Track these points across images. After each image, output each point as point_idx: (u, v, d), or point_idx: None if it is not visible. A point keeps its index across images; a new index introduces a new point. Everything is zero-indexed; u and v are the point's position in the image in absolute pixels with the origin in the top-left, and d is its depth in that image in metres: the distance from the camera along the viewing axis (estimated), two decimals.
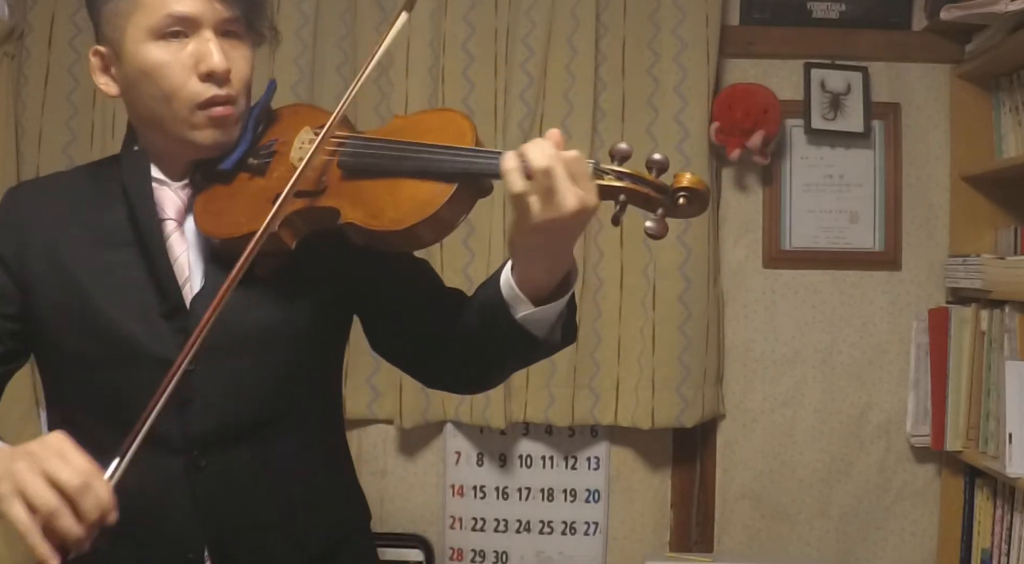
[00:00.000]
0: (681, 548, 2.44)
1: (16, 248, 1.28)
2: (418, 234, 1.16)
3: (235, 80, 1.22)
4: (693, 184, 1.10)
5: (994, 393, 2.15)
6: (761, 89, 2.36)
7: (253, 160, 1.26)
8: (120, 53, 1.22)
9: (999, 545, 2.17)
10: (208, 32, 1.20)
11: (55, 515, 0.98)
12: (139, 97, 1.24)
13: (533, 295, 1.15)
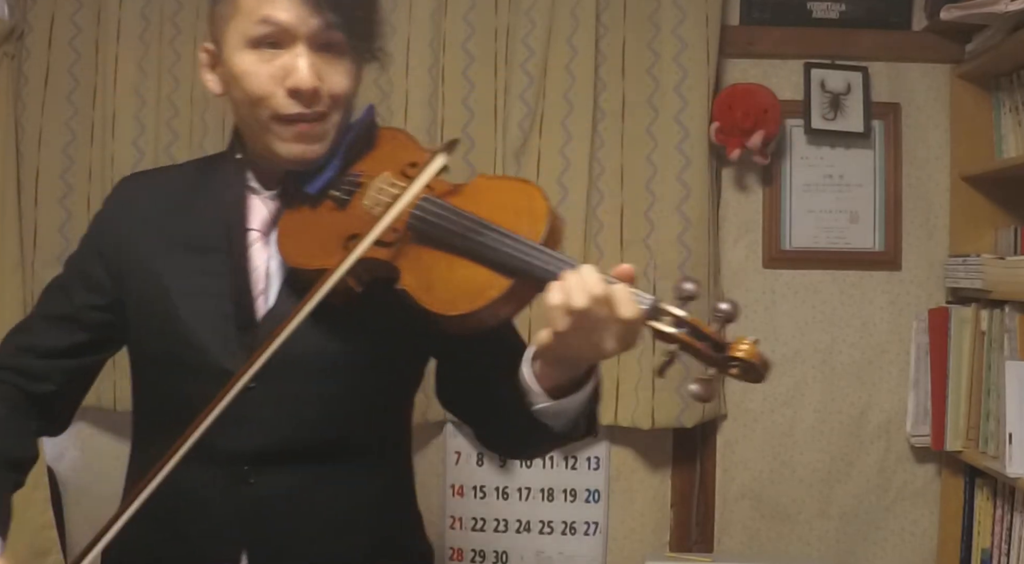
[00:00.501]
0: (681, 548, 2.44)
1: (116, 243, 1.29)
2: (464, 322, 1.11)
3: (326, 96, 1.19)
4: (753, 357, 1.03)
5: (994, 393, 2.15)
6: (761, 89, 2.36)
7: (336, 192, 1.23)
8: (221, 54, 1.23)
9: (999, 545, 2.17)
10: (301, 46, 1.17)
11: None
12: (233, 100, 1.23)
13: (551, 390, 1.12)
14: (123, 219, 1.31)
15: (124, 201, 1.34)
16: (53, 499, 2.38)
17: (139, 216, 1.31)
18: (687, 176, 2.32)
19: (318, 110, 1.19)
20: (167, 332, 1.25)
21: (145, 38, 2.38)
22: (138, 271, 1.28)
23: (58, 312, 1.33)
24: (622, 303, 1.02)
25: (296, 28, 1.16)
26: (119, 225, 1.31)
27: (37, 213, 2.39)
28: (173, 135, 2.39)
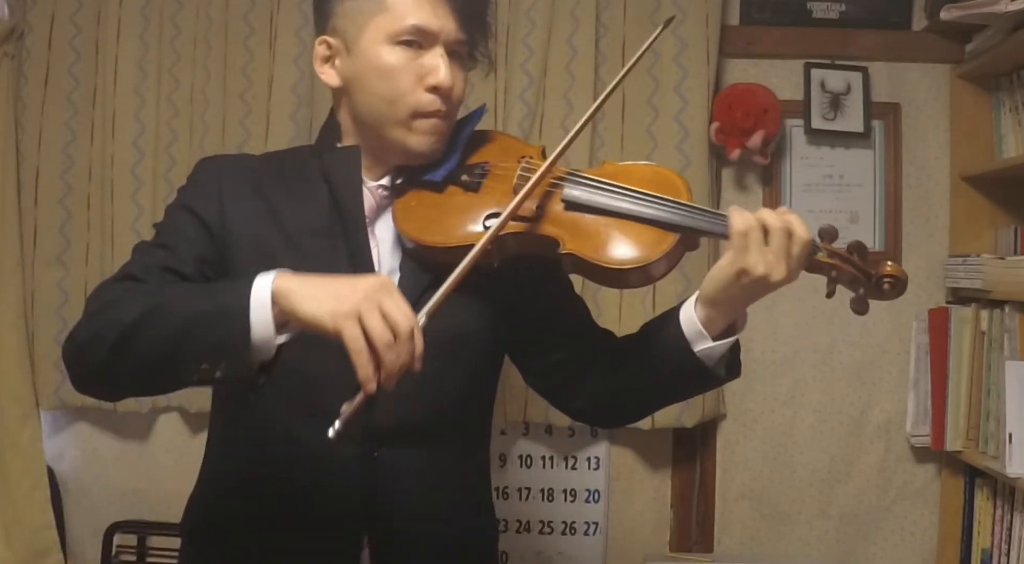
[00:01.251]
0: (681, 548, 2.44)
1: (218, 214, 1.30)
2: (631, 276, 1.25)
3: (454, 98, 1.30)
4: (896, 272, 1.22)
5: (994, 393, 2.15)
6: (761, 89, 2.36)
7: (465, 177, 1.32)
8: (353, 48, 1.29)
9: (999, 545, 2.17)
10: (440, 49, 1.28)
11: (387, 348, 1.05)
12: (362, 92, 1.29)
13: (712, 333, 1.26)
14: (220, 195, 1.31)
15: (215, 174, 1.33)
16: (53, 499, 2.38)
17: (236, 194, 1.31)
18: (687, 176, 2.27)
19: (449, 109, 1.30)
20: None
21: (145, 38, 2.38)
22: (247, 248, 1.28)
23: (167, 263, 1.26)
24: (797, 225, 1.19)
25: (440, 34, 1.28)
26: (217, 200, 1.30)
27: (37, 213, 2.40)
28: (173, 135, 2.39)
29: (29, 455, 2.35)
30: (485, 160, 1.35)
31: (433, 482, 1.31)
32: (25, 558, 2.33)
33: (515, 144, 1.40)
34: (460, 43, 1.30)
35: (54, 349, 2.39)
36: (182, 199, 1.34)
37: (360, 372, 1.05)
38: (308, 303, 1.08)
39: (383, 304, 1.07)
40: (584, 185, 1.28)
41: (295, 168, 1.36)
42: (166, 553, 2.44)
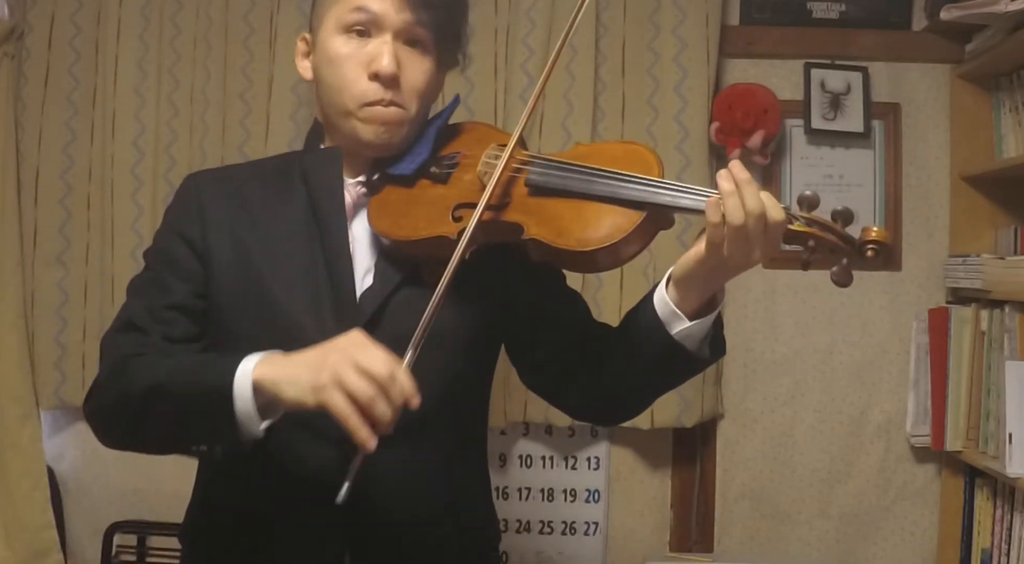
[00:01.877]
0: (681, 548, 2.44)
1: (200, 231, 1.32)
2: (598, 258, 1.19)
3: (405, 87, 1.27)
4: (881, 238, 1.17)
5: (994, 393, 2.15)
6: (761, 89, 2.36)
7: (435, 169, 1.31)
8: (315, 41, 1.32)
9: (999, 545, 2.17)
10: (388, 35, 1.26)
11: (372, 402, 1.06)
12: (320, 84, 1.31)
13: (687, 313, 1.20)
14: (203, 211, 1.33)
15: (199, 191, 1.36)
16: (53, 499, 2.38)
17: (218, 205, 1.34)
18: (687, 176, 2.32)
19: (395, 98, 1.26)
20: (263, 316, 1.28)
21: (145, 38, 2.38)
22: (228, 260, 1.30)
23: (161, 304, 1.31)
24: (772, 209, 1.12)
25: (385, 19, 1.25)
26: (200, 216, 1.33)
27: (37, 213, 2.40)
28: (173, 135, 2.39)
29: (29, 455, 2.35)
30: (456, 150, 1.33)
31: (417, 483, 1.30)
32: (25, 558, 2.33)
33: (490, 133, 1.37)
34: (415, 29, 1.27)
35: (54, 349, 2.40)
36: (168, 223, 1.37)
37: (355, 436, 1.06)
38: (288, 388, 1.10)
39: (358, 360, 1.07)
40: (546, 168, 1.25)
41: (278, 173, 1.37)
42: (166, 553, 2.44)
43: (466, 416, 1.40)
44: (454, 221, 1.24)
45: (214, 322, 1.33)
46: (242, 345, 1.26)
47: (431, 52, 1.30)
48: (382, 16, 1.25)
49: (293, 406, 1.11)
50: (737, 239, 1.12)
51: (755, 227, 1.11)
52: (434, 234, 1.23)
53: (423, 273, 1.25)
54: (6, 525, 2.33)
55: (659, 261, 2.33)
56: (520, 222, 1.22)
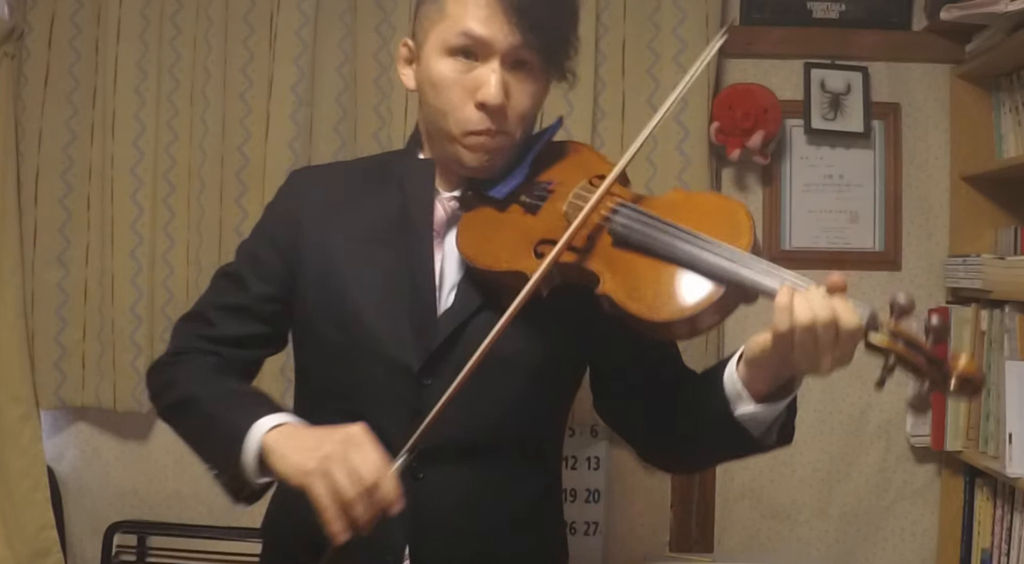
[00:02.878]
0: (681, 548, 2.44)
1: (290, 232, 1.33)
2: (671, 329, 1.12)
3: (511, 114, 1.23)
4: (972, 372, 1.01)
5: (994, 393, 2.15)
6: (761, 89, 2.35)
7: (526, 197, 1.27)
8: (420, 55, 1.29)
9: (999, 545, 2.17)
10: (495, 62, 1.21)
11: (351, 504, 1.07)
12: (423, 103, 1.30)
13: (756, 394, 1.14)
14: (298, 212, 1.34)
15: (298, 191, 1.38)
16: (53, 499, 2.38)
17: (315, 205, 1.34)
18: (687, 176, 2.32)
19: (501, 126, 1.23)
20: (341, 321, 1.28)
21: (145, 38, 2.38)
22: (315, 262, 1.31)
23: (233, 302, 1.36)
24: (845, 317, 1.01)
25: (493, 44, 1.20)
26: (294, 214, 1.34)
27: (37, 213, 2.40)
28: (173, 135, 2.39)
29: (29, 455, 2.35)
30: (551, 179, 1.28)
31: (476, 502, 1.29)
32: (25, 558, 2.33)
33: (591, 160, 1.31)
34: (524, 52, 1.21)
35: (54, 349, 2.39)
36: (264, 222, 1.40)
37: (328, 527, 1.08)
38: (280, 462, 1.13)
39: (350, 458, 1.08)
40: (634, 219, 1.17)
41: (379, 176, 1.37)
42: (166, 553, 2.44)
43: (532, 437, 1.36)
44: (536, 257, 1.20)
45: (300, 323, 1.36)
46: (319, 348, 1.32)
47: (538, 72, 1.25)
48: (490, 41, 1.20)
49: (280, 479, 1.15)
50: (805, 340, 1.02)
51: (824, 333, 1.01)
52: (513, 268, 1.20)
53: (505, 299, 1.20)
54: (6, 525, 2.33)
55: None
56: (597, 272, 1.16)
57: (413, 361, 1.24)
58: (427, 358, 1.24)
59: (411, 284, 1.27)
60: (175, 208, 2.39)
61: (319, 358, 1.33)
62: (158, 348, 2.38)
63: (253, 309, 1.35)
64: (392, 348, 1.26)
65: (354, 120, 2.35)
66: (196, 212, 2.38)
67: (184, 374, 1.31)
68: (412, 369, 1.24)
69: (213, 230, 2.36)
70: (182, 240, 2.39)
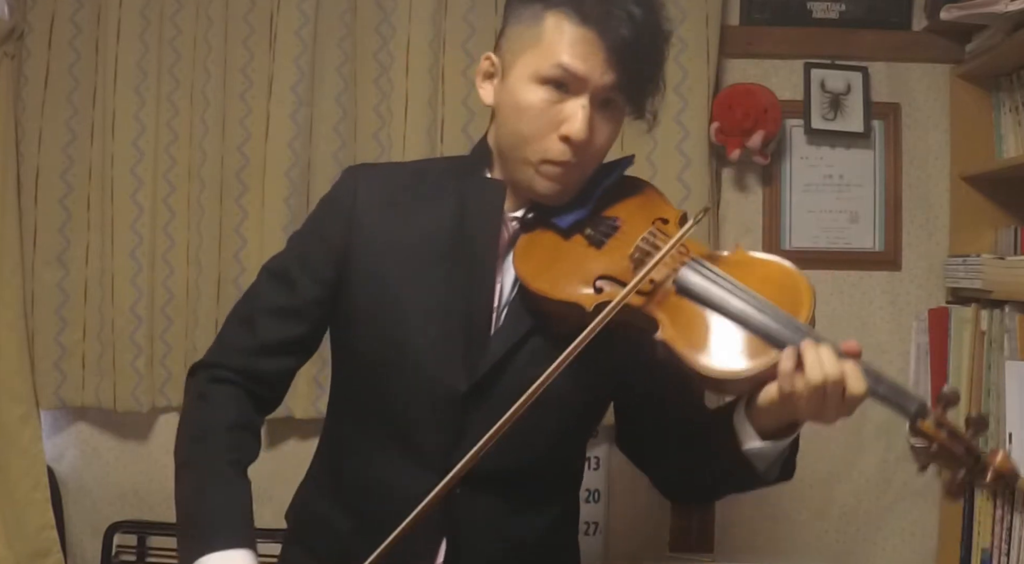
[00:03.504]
0: (681, 548, 2.44)
1: (344, 233, 1.30)
2: (723, 385, 1.17)
3: (591, 150, 1.24)
4: (1006, 470, 1.09)
5: (994, 393, 2.15)
6: (761, 89, 2.35)
7: (590, 230, 1.27)
8: (506, 75, 1.26)
9: (999, 545, 2.17)
10: (585, 98, 1.21)
11: None
12: (502, 124, 1.27)
13: (762, 432, 1.20)
14: (353, 211, 1.31)
15: (353, 188, 1.33)
16: (53, 499, 2.37)
17: (369, 205, 1.31)
18: (687, 176, 2.32)
19: (580, 160, 1.23)
20: (386, 334, 1.27)
21: (145, 38, 2.38)
22: (365, 268, 1.29)
23: (283, 304, 1.33)
24: (853, 383, 1.09)
25: (588, 81, 1.20)
26: (349, 218, 1.31)
27: (37, 213, 2.39)
28: (173, 135, 2.39)
29: (29, 455, 2.35)
30: (617, 215, 1.29)
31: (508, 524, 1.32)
32: (25, 558, 2.33)
33: (656, 202, 1.33)
34: (613, 91, 1.22)
35: (54, 349, 2.40)
36: (316, 216, 1.37)
37: None
38: None
39: None
40: (701, 273, 1.20)
41: (437, 186, 1.33)
42: (166, 553, 2.44)
43: (566, 466, 1.42)
44: (595, 292, 1.21)
45: (342, 326, 1.33)
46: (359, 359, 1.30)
47: (621, 112, 1.27)
48: (585, 78, 1.20)
49: None
50: (813, 398, 1.10)
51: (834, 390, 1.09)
52: (571, 300, 1.20)
53: (553, 325, 1.23)
54: (6, 525, 2.33)
55: None
56: (657, 318, 1.18)
57: (461, 382, 1.24)
58: (475, 381, 1.24)
59: (466, 303, 1.25)
60: (175, 208, 2.39)
61: (359, 367, 1.32)
62: (158, 348, 2.38)
63: (303, 312, 1.32)
64: (439, 367, 1.25)
65: (354, 120, 2.36)
66: (196, 212, 2.38)
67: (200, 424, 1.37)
68: (459, 391, 1.23)
69: (213, 230, 2.36)
70: (182, 240, 2.39)
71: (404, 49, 2.34)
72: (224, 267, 2.36)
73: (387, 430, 1.25)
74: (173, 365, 2.39)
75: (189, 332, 2.38)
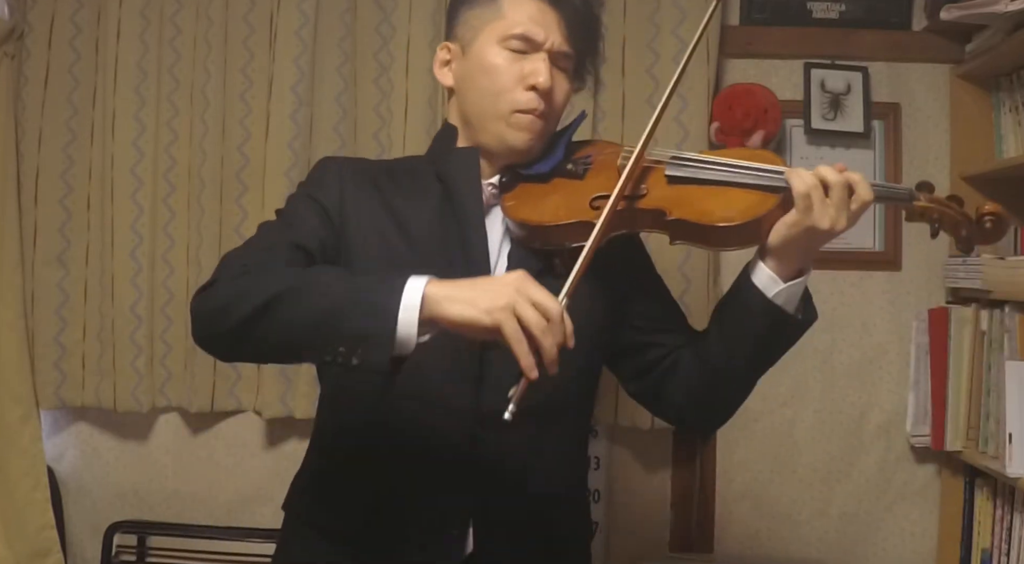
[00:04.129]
0: (681, 548, 2.44)
1: (338, 202, 1.39)
2: (738, 234, 1.30)
3: (554, 100, 1.40)
4: (997, 210, 1.31)
5: (994, 393, 2.15)
6: (761, 89, 2.35)
7: (571, 167, 1.42)
8: (467, 51, 1.41)
9: (999, 545, 2.17)
10: (543, 55, 1.38)
11: (543, 334, 1.12)
12: (470, 90, 1.40)
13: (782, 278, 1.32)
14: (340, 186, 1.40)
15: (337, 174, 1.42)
16: (53, 499, 2.38)
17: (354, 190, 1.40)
18: None
19: (544, 109, 1.38)
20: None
21: (145, 38, 2.38)
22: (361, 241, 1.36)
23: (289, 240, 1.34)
24: (860, 187, 1.29)
25: (545, 43, 1.38)
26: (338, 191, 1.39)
27: (37, 213, 2.40)
28: (173, 135, 2.39)
29: (29, 455, 2.35)
30: (588, 154, 1.44)
31: (535, 465, 1.38)
32: (25, 558, 2.33)
33: (616, 146, 1.47)
34: (565, 56, 1.40)
35: (54, 349, 2.40)
36: (304, 189, 1.43)
37: (522, 361, 1.12)
38: (463, 307, 1.14)
39: (531, 294, 1.13)
40: (686, 164, 1.36)
41: (407, 172, 1.46)
42: (166, 553, 2.44)
43: (585, 411, 1.51)
44: (593, 210, 1.33)
45: None
46: None
47: (570, 74, 1.43)
48: (544, 41, 1.37)
49: (462, 325, 1.14)
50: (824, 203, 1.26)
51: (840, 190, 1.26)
52: (575, 219, 1.32)
53: (556, 263, 1.34)
54: (6, 525, 2.33)
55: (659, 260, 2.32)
56: (662, 207, 1.32)
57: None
58: None
59: (466, 268, 1.32)
60: (175, 208, 2.39)
61: None
62: (158, 348, 2.38)
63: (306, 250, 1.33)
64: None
65: (354, 120, 2.36)
66: (196, 212, 2.38)
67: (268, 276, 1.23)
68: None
69: (213, 230, 2.36)
70: (182, 240, 2.39)
71: (404, 49, 2.34)
72: None
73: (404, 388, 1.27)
74: (173, 365, 2.39)
75: (189, 332, 2.37)
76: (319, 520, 1.41)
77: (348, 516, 1.38)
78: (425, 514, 1.34)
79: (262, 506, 2.43)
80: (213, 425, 2.47)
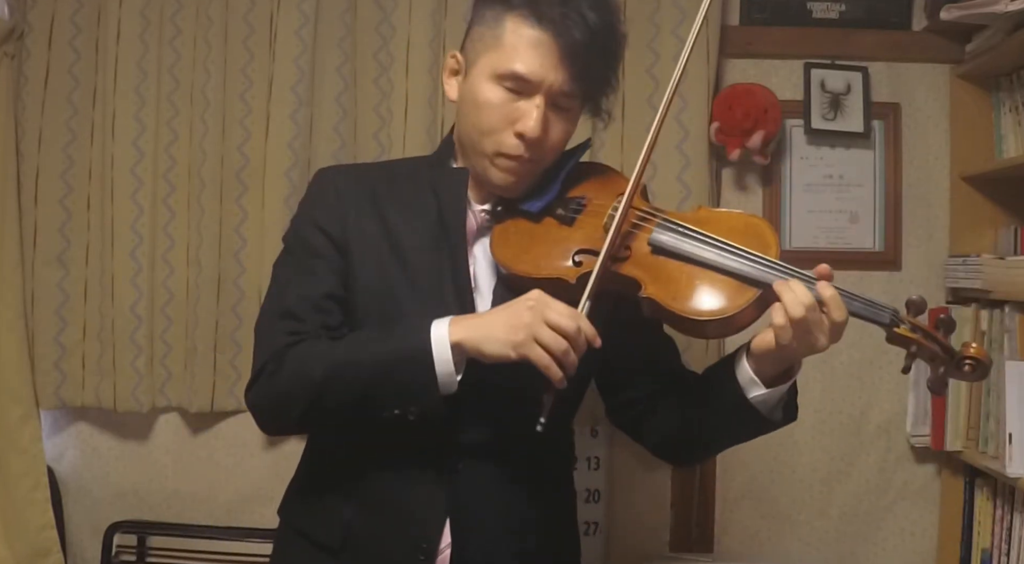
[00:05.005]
0: (681, 548, 2.44)
1: (339, 224, 1.38)
2: (709, 327, 1.26)
3: (545, 147, 1.33)
4: (980, 355, 1.23)
5: (994, 393, 2.15)
6: (761, 89, 2.35)
7: (561, 211, 1.37)
8: (468, 73, 1.36)
9: (999, 545, 2.17)
10: (540, 98, 1.30)
11: (564, 354, 1.19)
12: (464, 116, 1.37)
13: (764, 380, 1.29)
14: (340, 206, 1.38)
15: (335, 184, 1.41)
16: (53, 499, 2.38)
17: (353, 206, 1.38)
18: (687, 176, 2.32)
19: (533, 156, 1.33)
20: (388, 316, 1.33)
21: (145, 38, 2.38)
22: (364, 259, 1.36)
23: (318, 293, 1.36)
24: (834, 308, 1.23)
25: (541, 84, 1.30)
26: (338, 211, 1.38)
27: (37, 213, 2.39)
28: (173, 135, 2.39)
29: (29, 455, 2.35)
30: (583, 195, 1.38)
31: (508, 496, 1.38)
32: (25, 558, 2.33)
33: (616, 179, 1.43)
34: (567, 96, 1.32)
35: (54, 349, 2.39)
36: (307, 213, 1.41)
37: (551, 377, 1.20)
38: (491, 345, 1.21)
39: (547, 317, 1.19)
40: (672, 231, 1.30)
41: (408, 180, 1.42)
42: (166, 553, 2.44)
43: (563, 444, 1.50)
44: (574, 265, 1.30)
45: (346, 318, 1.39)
46: None
47: (576, 110, 1.36)
48: (538, 82, 1.29)
49: (494, 360, 1.22)
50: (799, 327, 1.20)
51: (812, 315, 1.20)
52: (553, 275, 1.30)
53: None
54: (6, 525, 2.33)
55: None
56: (638, 278, 1.28)
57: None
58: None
59: (453, 286, 1.33)
60: (175, 208, 2.39)
61: None
62: (158, 348, 2.38)
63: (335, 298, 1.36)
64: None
65: (354, 120, 2.36)
66: (196, 212, 2.38)
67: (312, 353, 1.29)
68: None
69: (213, 230, 2.36)
70: (182, 240, 2.39)
71: (404, 49, 2.34)
72: (224, 267, 2.36)
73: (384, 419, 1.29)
74: (173, 365, 2.39)
75: (189, 332, 2.38)
76: (305, 529, 1.42)
77: (330, 529, 1.38)
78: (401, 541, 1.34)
79: (262, 506, 2.43)
80: (213, 425, 2.47)
